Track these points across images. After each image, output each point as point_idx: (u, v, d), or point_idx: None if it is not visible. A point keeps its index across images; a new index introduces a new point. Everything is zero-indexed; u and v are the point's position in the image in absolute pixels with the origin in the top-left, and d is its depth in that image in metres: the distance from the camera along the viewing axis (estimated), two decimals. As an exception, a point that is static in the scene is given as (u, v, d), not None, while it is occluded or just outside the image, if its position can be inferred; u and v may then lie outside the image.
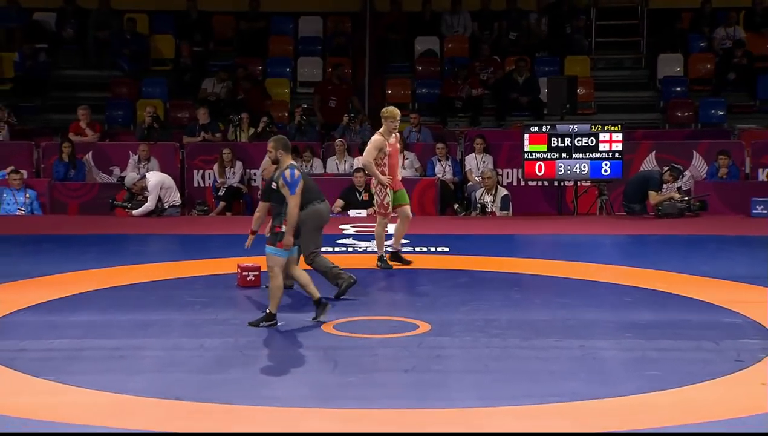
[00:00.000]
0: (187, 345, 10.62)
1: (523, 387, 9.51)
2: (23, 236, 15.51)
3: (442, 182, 17.50)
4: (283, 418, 8.82)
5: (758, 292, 12.30)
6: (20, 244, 14.92)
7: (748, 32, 20.52)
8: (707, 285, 12.59)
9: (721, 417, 8.81)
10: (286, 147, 10.95)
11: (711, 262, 13.72)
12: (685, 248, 14.71)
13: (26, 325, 11.14)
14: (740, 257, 14.13)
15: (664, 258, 13.91)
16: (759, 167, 17.68)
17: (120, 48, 20.42)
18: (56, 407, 9.03)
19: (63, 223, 16.41)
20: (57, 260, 13.70)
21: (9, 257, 14.02)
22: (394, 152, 13.15)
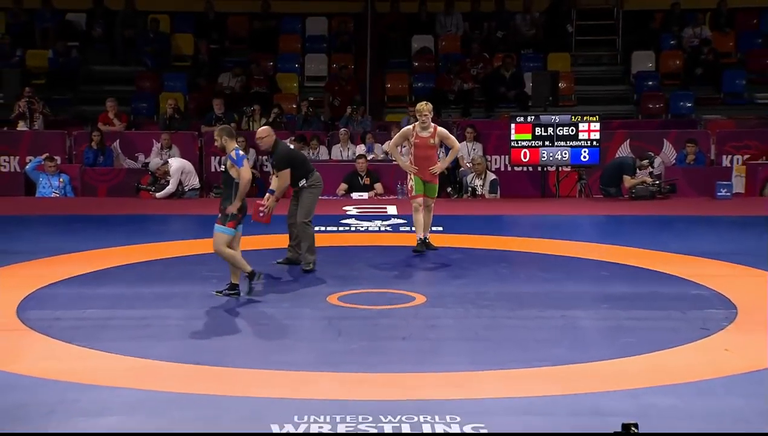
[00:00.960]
0: (205, 315, 10.63)
1: (511, 353, 9.52)
2: (57, 216, 15.52)
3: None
4: (292, 381, 8.82)
5: (722, 267, 12.32)
6: (54, 223, 14.93)
7: (713, 32, 20.49)
8: (676, 261, 12.60)
9: (687, 380, 8.83)
10: (230, 134, 11.04)
11: (679, 240, 13.73)
12: (656, 227, 14.71)
13: (60, 296, 11.15)
14: (706, 235, 14.13)
15: (637, 236, 13.91)
16: (723, 154, 17.66)
17: (144, 46, 20.38)
18: (88, 370, 9.04)
19: (93, 204, 16.41)
20: (87, 238, 13.70)
21: (45, 235, 14.03)
22: (422, 144, 12.62)
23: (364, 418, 7.91)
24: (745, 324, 10.23)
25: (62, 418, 8.11)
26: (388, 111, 19.88)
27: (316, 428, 7.81)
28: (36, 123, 18.07)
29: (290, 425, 7.83)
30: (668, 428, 7.46)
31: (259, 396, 8.44)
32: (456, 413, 8.00)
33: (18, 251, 12.87)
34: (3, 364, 9.15)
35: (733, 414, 8.15)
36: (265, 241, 13.28)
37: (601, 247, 13.47)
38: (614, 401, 8.22)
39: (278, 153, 11.74)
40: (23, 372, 8.98)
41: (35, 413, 8.18)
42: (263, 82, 19.75)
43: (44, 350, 9.56)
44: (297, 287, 11.37)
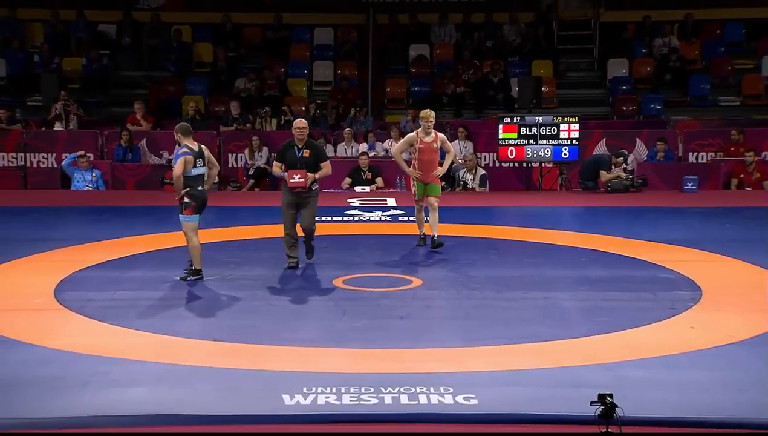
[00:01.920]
0: (223, 297, 10.64)
1: (498, 331, 9.52)
2: (90, 207, 15.52)
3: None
4: (302, 355, 8.83)
5: (688, 253, 12.32)
6: (88, 214, 14.93)
7: (681, 41, 20.45)
8: (647, 247, 12.60)
9: (657, 354, 8.84)
10: (184, 132, 11.18)
11: (650, 229, 13.73)
12: (629, 217, 14.71)
13: (93, 279, 11.16)
14: (674, 224, 14.14)
15: (613, 226, 13.91)
16: (689, 151, 17.65)
17: (168, 54, 20.35)
18: (118, 346, 9.05)
19: (122, 197, 16.42)
20: (117, 226, 13.71)
21: (79, 224, 14.04)
22: (426, 149, 12.26)
23: (366, 389, 7.92)
24: (709, 304, 10.24)
25: (95, 389, 8.12)
26: (388, 112, 19.87)
27: (323, 398, 7.82)
28: (71, 123, 18.06)
29: (300, 395, 7.84)
30: (640, 398, 7.47)
31: (271, 369, 8.45)
32: (449, 385, 8.01)
33: (55, 239, 12.90)
34: (42, 340, 9.16)
35: (697, 385, 8.16)
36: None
37: (579, 235, 13.47)
38: (591, 374, 8.23)
39: (320, 147, 11.80)
40: (60, 347, 9.00)
41: (71, 384, 8.19)
42: (275, 86, 19.74)
43: (79, 328, 9.57)
44: (305, 271, 11.39)
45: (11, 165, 17.22)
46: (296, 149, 11.08)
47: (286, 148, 11.21)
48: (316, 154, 11.15)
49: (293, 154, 11.05)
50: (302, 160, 11.04)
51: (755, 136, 17.55)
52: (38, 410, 7.71)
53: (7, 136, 17.30)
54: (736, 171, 16.82)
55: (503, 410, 7.65)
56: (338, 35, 21.12)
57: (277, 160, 11.33)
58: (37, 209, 15.07)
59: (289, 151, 11.10)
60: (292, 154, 11.06)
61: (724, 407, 7.72)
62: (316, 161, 11.10)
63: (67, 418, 7.59)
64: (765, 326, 9.57)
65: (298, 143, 11.07)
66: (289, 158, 11.06)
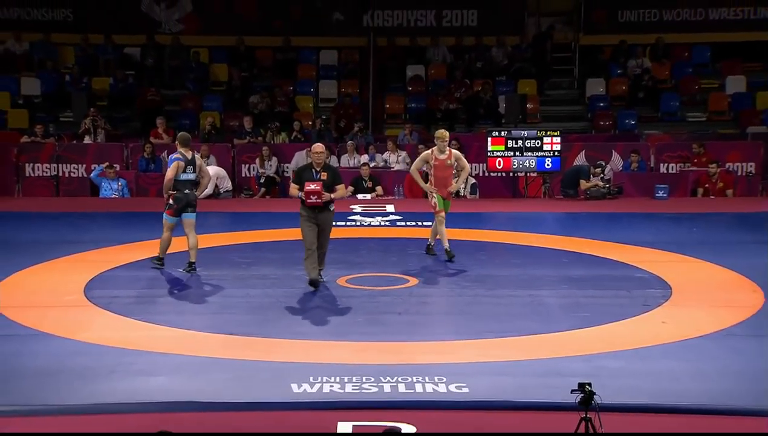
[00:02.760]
0: (237, 294, 10.63)
1: (488, 325, 9.51)
2: (117, 213, 15.51)
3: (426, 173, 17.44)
4: (308, 348, 8.82)
5: (659, 254, 12.32)
6: (114, 219, 14.92)
7: (653, 62, 20.45)
8: (622, 249, 12.59)
9: (632, 347, 8.83)
10: (182, 141, 11.41)
11: (625, 232, 13.71)
12: (606, 222, 14.70)
13: (119, 278, 11.15)
14: (647, 228, 14.13)
15: (591, 230, 13.90)
16: (660, 162, 17.64)
17: (187, 73, 20.35)
18: (141, 339, 9.04)
19: (145, 203, 16.39)
20: (141, 230, 13.68)
21: (106, 228, 14.03)
22: (440, 166, 11.93)
23: (367, 378, 7.91)
24: (679, 301, 10.24)
25: (120, 377, 8.11)
26: (387, 127, 19.85)
27: (327, 387, 7.81)
28: (99, 137, 18.06)
29: (306, 384, 7.83)
30: (616, 386, 7.46)
31: (280, 360, 8.44)
32: (442, 375, 8.00)
33: (85, 241, 12.89)
34: (73, 334, 9.15)
35: (668, 374, 8.16)
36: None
37: (561, 238, 13.46)
38: (572, 364, 8.23)
39: (337, 170, 11.01)
40: (89, 340, 8.99)
41: (99, 373, 8.18)
42: (285, 103, 19.74)
43: (106, 323, 9.56)
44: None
45: (45, 175, 17.21)
46: (314, 172, 10.43)
47: (303, 171, 10.58)
48: (333, 176, 10.52)
49: (311, 176, 10.40)
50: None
51: (720, 148, 17.54)
52: (69, 398, 7.70)
53: (41, 148, 17.30)
54: (702, 181, 16.82)
55: (492, 398, 7.64)
56: (341, 57, 21.12)
57: (295, 182, 10.59)
58: (68, 215, 15.06)
59: (307, 174, 10.45)
60: (310, 176, 10.40)
61: (692, 395, 7.72)
62: (333, 183, 10.48)
63: (95, 405, 7.59)
64: (729, 320, 9.57)
65: (316, 166, 10.45)
66: (305, 180, 10.39)
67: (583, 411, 6.16)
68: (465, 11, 20.73)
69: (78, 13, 20.35)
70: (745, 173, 17.14)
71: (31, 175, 17.12)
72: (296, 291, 10.61)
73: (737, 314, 9.75)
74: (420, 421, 7.08)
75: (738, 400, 7.64)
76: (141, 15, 20.38)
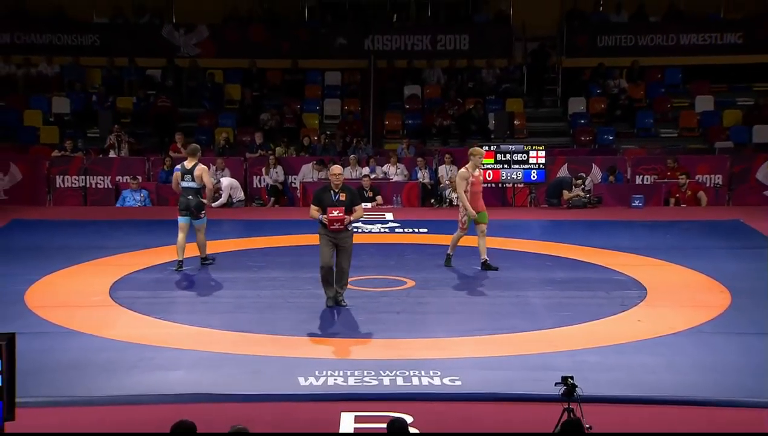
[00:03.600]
0: (249, 295, 10.62)
1: (479, 323, 9.52)
2: (139, 220, 15.48)
3: (422, 184, 17.45)
4: (314, 344, 8.82)
5: (636, 258, 12.32)
6: (137, 226, 14.89)
7: (629, 83, 20.43)
8: (602, 254, 12.59)
9: (610, 343, 8.84)
10: (189, 152, 11.68)
11: (604, 238, 13.69)
12: (587, 229, 14.67)
13: (141, 280, 11.15)
14: (624, 234, 14.09)
15: (573, 236, 13.88)
16: (636, 175, 17.62)
17: (203, 93, 20.35)
18: (161, 336, 9.04)
19: (166, 212, 16.33)
20: (161, 236, 13.65)
21: (129, 234, 14.00)
22: (477, 182, 11.51)
23: (368, 372, 7.91)
24: (653, 301, 10.24)
25: (142, 371, 8.10)
26: (386, 141, 19.83)
27: (332, 380, 7.81)
28: (123, 151, 18.04)
29: (312, 377, 7.83)
30: (596, 379, 7.46)
31: (288, 356, 8.44)
32: (437, 369, 8.00)
33: (110, 247, 12.88)
34: (98, 331, 9.15)
35: (643, 368, 8.16)
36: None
37: (546, 243, 13.44)
38: (556, 359, 8.23)
39: (355, 191, 10.23)
40: (113, 337, 8.99)
41: (122, 367, 8.17)
42: (292, 120, 19.73)
43: (128, 321, 9.56)
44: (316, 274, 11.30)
45: (74, 186, 17.20)
46: (332, 193, 9.72)
47: (322, 192, 9.84)
48: (351, 197, 9.80)
49: (329, 197, 9.69)
50: (338, 203, 9.69)
51: (690, 161, 17.53)
52: (95, 390, 7.70)
53: (71, 162, 17.30)
54: (673, 191, 16.81)
55: (483, 390, 7.64)
56: (344, 78, 21.10)
57: (314, 203, 9.84)
58: (95, 222, 15.06)
59: (326, 195, 9.73)
60: (329, 197, 9.70)
61: (666, 387, 7.72)
62: (352, 204, 9.77)
63: (119, 396, 7.58)
64: (699, 319, 9.57)
65: (334, 188, 9.74)
66: (325, 201, 9.67)
67: (566, 402, 6.16)
68: (457, 36, 20.73)
69: (104, 39, 20.37)
70: (713, 185, 17.15)
71: (61, 186, 17.11)
72: (303, 292, 10.60)
73: (706, 313, 9.76)
74: (416, 411, 7.08)
75: (707, 391, 7.65)
76: (162, 40, 20.39)
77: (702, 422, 7.09)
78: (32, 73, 20.11)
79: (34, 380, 7.40)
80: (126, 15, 21.02)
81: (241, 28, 20.87)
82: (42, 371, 7.83)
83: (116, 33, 20.62)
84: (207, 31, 20.56)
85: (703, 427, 7.00)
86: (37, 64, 20.16)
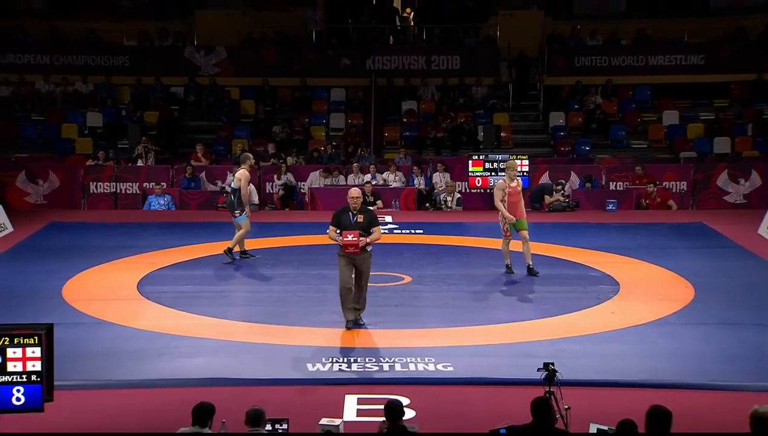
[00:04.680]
0: (262, 290, 10.65)
1: (469, 315, 9.53)
2: (164, 223, 15.46)
3: (418, 190, 17.45)
4: (321, 334, 8.83)
5: (610, 257, 12.32)
6: (161, 228, 14.89)
7: (603, 99, 20.41)
8: (579, 252, 12.59)
9: (587, 333, 8.86)
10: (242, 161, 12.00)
11: (581, 238, 13.67)
12: (566, 230, 14.66)
13: (165, 276, 11.16)
14: (598, 235, 14.08)
15: (553, 236, 13.86)
16: (610, 181, 17.60)
17: (221, 108, 20.35)
18: (184, 326, 9.06)
19: (187, 215, 16.38)
20: (183, 237, 13.68)
21: (155, 235, 13.99)
22: (514, 192, 11.01)
23: (369, 359, 7.94)
24: (625, 295, 10.25)
25: (167, 358, 8.12)
26: (386, 151, 19.81)
27: (337, 366, 7.83)
28: (149, 160, 18.03)
29: (320, 364, 7.86)
30: (573, 365, 7.47)
31: (298, 344, 8.46)
32: (431, 356, 8.03)
33: (138, 246, 12.88)
34: (127, 322, 9.17)
35: (615, 355, 8.18)
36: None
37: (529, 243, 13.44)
38: (538, 347, 8.25)
39: (373, 213, 9.25)
40: (141, 327, 9.01)
41: (149, 354, 8.20)
42: (301, 132, 19.72)
43: (155, 313, 9.58)
44: (323, 272, 11.34)
45: (106, 191, 17.18)
46: (351, 215, 8.86)
47: (340, 214, 8.95)
48: (369, 219, 8.92)
49: (348, 219, 8.85)
50: (356, 225, 8.82)
51: (658, 170, 17.50)
52: (126, 375, 7.72)
53: (103, 170, 17.30)
54: (643, 196, 16.81)
55: (472, 375, 7.66)
56: (348, 94, 21.09)
57: (333, 224, 8.94)
58: (124, 225, 15.06)
59: (344, 216, 8.88)
60: (347, 219, 8.85)
61: (636, 372, 7.74)
62: (369, 225, 8.87)
63: (147, 380, 7.61)
64: (666, 311, 9.58)
65: (352, 210, 8.87)
66: (343, 222, 8.83)
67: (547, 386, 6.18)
68: (450, 57, 20.76)
69: (133, 60, 20.41)
70: (679, 191, 17.16)
71: (94, 191, 17.11)
72: (311, 287, 10.62)
73: (673, 305, 9.78)
74: (413, 394, 7.10)
75: (673, 376, 7.67)
76: (184, 61, 20.41)
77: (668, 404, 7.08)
78: (69, 91, 20.14)
79: (70, 366, 7.42)
80: (152, 39, 21.06)
81: (255, 50, 20.90)
82: (77, 358, 7.85)
83: (143, 55, 20.66)
84: (225, 53, 20.59)
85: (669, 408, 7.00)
86: (74, 82, 20.20)
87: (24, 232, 13.85)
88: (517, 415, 5.72)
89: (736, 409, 6.36)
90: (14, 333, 5.66)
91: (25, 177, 16.98)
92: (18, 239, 13.38)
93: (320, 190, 17.00)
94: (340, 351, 8.24)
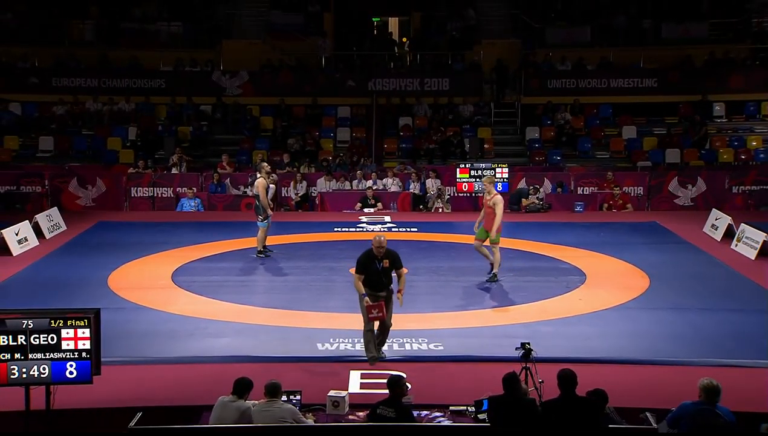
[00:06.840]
0: (279, 280, 10.64)
1: (457, 302, 9.53)
2: (194, 222, 15.47)
3: (413, 194, 17.44)
4: (329, 318, 8.83)
5: (577, 251, 12.32)
6: (192, 227, 14.89)
7: (572, 116, 20.41)
8: (551, 248, 12.59)
9: (558, 317, 8.86)
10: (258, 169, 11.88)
11: (553, 235, 13.67)
12: (539, 228, 14.65)
13: (195, 268, 11.17)
14: (568, 233, 14.06)
15: (529, 234, 13.86)
16: (578, 187, 17.59)
17: (244, 123, 20.32)
18: (211, 311, 9.06)
19: (214, 216, 16.37)
20: (211, 235, 13.68)
21: (186, 233, 13.98)
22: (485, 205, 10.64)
23: (371, 339, 7.90)
24: (591, 285, 10.26)
25: (197, 338, 8.13)
26: (385, 160, 19.81)
27: (342, 346, 7.83)
28: (182, 168, 18.02)
29: (328, 344, 7.87)
30: (547, 344, 7.47)
31: (309, 327, 8.46)
32: (424, 337, 8.03)
33: (172, 242, 12.88)
34: (163, 307, 9.18)
35: (582, 336, 8.18)
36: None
37: (508, 240, 13.34)
38: (516, 329, 8.25)
39: (397, 255, 7.97)
40: (175, 312, 9.02)
41: (181, 335, 8.20)
42: (312, 144, 19.70)
43: (187, 299, 9.58)
44: (332, 264, 11.34)
45: (145, 195, 17.19)
46: (377, 262, 7.76)
47: (367, 262, 7.79)
48: (394, 262, 7.83)
49: (375, 267, 7.75)
50: (383, 271, 7.79)
51: (619, 177, 17.48)
52: (162, 352, 7.73)
53: (143, 177, 17.29)
54: (607, 199, 16.79)
55: (460, 353, 7.66)
56: (353, 111, 21.05)
57: (358, 271, 7.79)
58: (160, 224, 15.06)
59: (371, 265, 7.76)
60: (374, 268, 7.75)
61: (600, 350, 7.74)
62: (393, 268, 7.83)
63: (180, 357, 7.61)
64: (626, 298, 9.59)
65: (377, 256, 7.77)
66: (370, 269, 7.75)
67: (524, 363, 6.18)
68: (440, 79, 20.80)
69: (169, 82, 20.47)
70: (636, 195, 17.16)
71: (135, 195, 17.10)
72: (320, 278, 10.62)
73: (631, 293, 9.79)
74: (409, 369, 7.10)
75: (632, 353, 7.68)
76: (212, 83, 20.44)
77: (627, 378, 7.12)
78: (114, 110, 20.18)
79: (115, 344, 7.44)
80: (185, 64, 21.09)
81: (273, 73, 20.93)
82: (121, 338, 7.86)
83: (177, 78, 20.69)
84: (247, 76, 20.63)
85: (628, 381, 7.03)
86: (118, 102, 20.26)
87: (75, 230, 13.89)
88: (498, 388, 5.74)
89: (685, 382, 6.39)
90: (67, 317, 5.76)
91: (77, 183, 17.01)
92: (70, 236, 13.43)
93: (329, 194, 17.00)
94: (346, 333, 8.24)
